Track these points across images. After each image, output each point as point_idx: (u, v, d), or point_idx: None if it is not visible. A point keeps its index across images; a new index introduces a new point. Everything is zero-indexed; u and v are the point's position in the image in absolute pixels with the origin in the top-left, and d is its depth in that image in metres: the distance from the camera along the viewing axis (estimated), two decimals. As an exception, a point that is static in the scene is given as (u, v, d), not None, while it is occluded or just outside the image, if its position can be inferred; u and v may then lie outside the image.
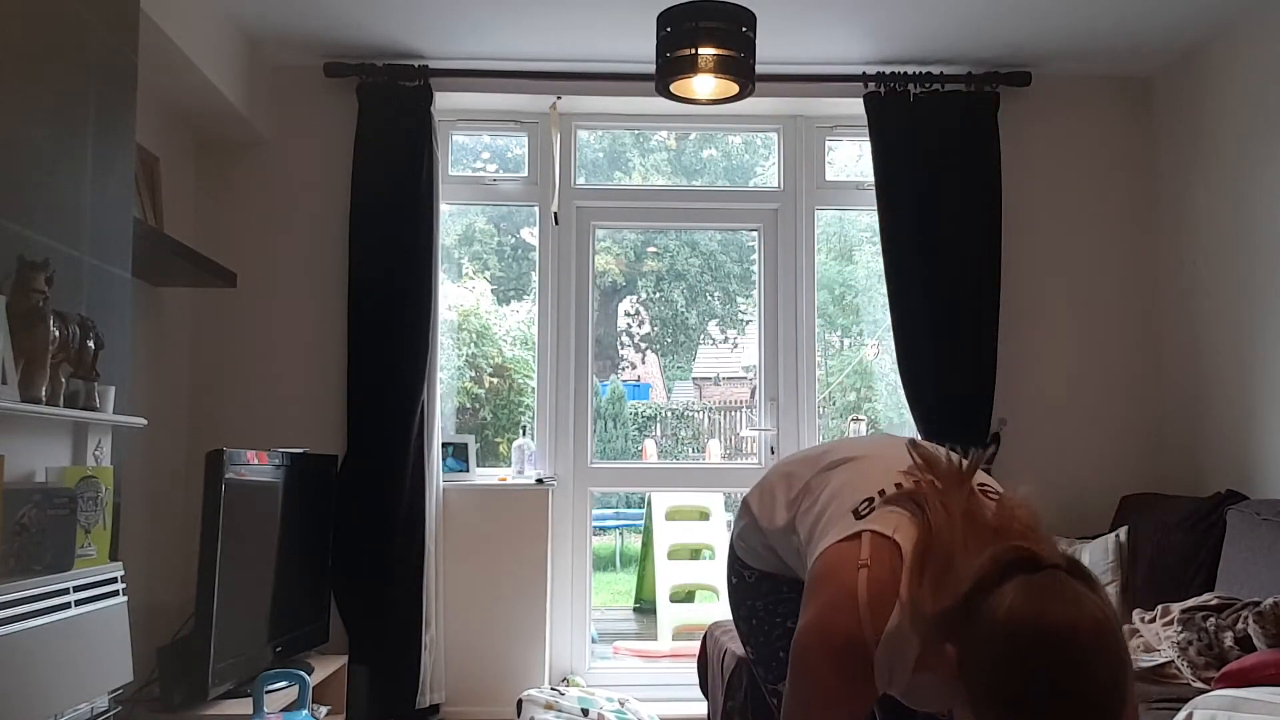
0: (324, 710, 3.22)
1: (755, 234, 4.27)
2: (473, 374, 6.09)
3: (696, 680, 3.67)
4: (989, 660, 1.17)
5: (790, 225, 4.18)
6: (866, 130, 3.92)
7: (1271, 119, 3.41)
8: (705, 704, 3.58)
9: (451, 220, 4.43)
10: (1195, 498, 3.48)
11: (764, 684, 1.83)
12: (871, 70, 3.89)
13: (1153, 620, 2.94)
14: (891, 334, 3.88)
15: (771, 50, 3.24)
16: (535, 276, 4.18)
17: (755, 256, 4.28)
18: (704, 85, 3.04)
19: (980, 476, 1.48)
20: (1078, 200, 4.07)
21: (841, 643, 1.35)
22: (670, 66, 2.92)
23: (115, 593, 2.16)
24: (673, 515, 6.54)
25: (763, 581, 1.81)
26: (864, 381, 5.00)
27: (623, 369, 9.24)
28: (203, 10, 3.30)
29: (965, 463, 1.44)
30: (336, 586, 3.67)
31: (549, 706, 3.50)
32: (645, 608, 6.85)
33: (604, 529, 8.57)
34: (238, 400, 3.85)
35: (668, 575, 6.20)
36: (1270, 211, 3.42)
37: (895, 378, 3.94)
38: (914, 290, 3.85)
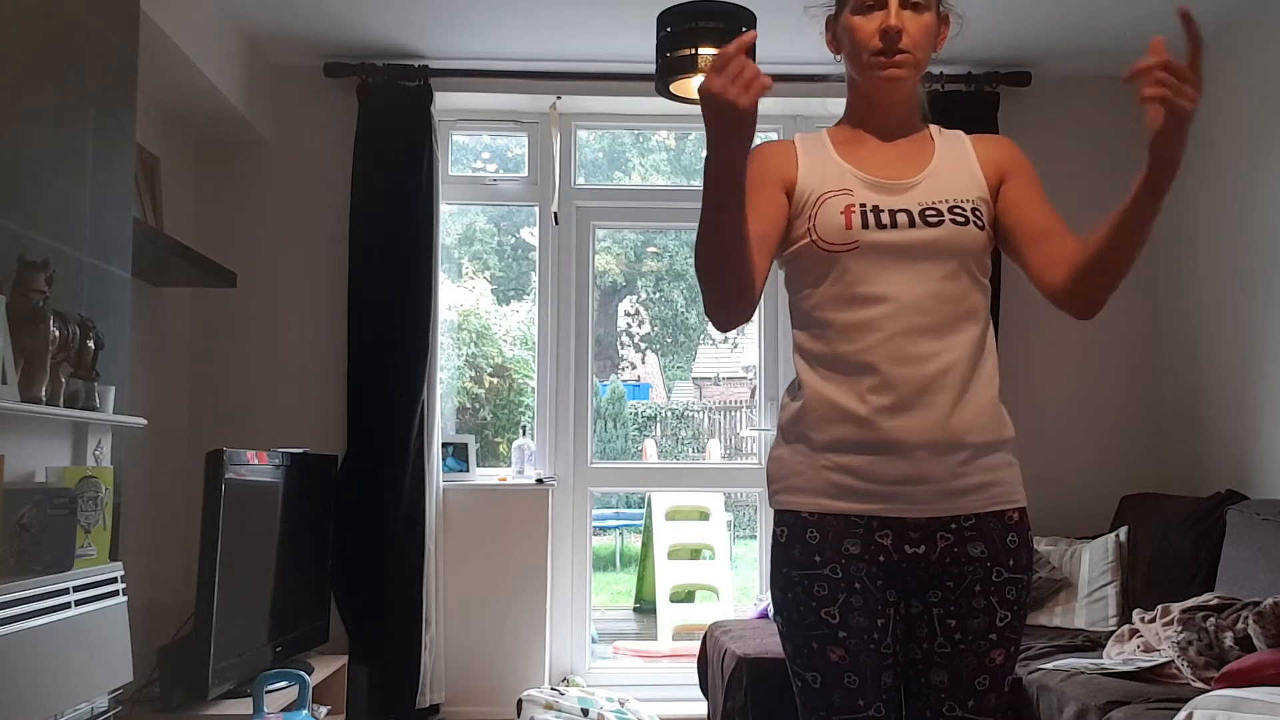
0: (324, 710, 3.22)
1: (755, 234, 4.26)
2: (473, 374, 6.09)
3: (696, 680, 3.67)
4: None
5: (790, 225, 4.17)
6: (867, 130, 3.91)
7: (1271, 119, 3.42)
8: (705, 704, 3.58)
9: (451, 220, 4.43)
10: (1195, 498, 3.48)
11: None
12: (871, 70, 3.89)
13: (1153, 620, 2.94)
14: (891, 334, 3.87)
15: (771, 50, 3.23)
16: (535, 276, 4.18)
17: (755, 256, 4.27)
18: (704, 85, 3.03)
19: None
20: (1077, 200, 4.02)
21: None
22: (670, 66, 2.92)
23: (115, 593, 2.16)
24: (673, 515, 6.54)
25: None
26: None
27: (623, 369, 9.24)
28: (203, 10, 3.30)
29: None
30: (336, 586, 3.67)
31: (549, 706, 3.50)
32: (645, 608, 6.85)
33: (604, 529, 8.58)
34: (238, 400, 3.85)
35: (668, 575, 6.20)
36: (1270, 211, 3.42)
37: (895, 377, 3.93)
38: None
